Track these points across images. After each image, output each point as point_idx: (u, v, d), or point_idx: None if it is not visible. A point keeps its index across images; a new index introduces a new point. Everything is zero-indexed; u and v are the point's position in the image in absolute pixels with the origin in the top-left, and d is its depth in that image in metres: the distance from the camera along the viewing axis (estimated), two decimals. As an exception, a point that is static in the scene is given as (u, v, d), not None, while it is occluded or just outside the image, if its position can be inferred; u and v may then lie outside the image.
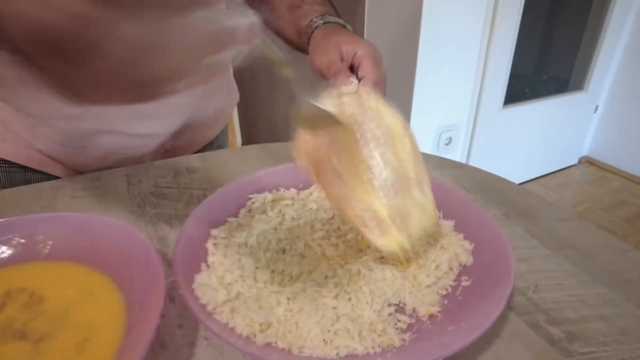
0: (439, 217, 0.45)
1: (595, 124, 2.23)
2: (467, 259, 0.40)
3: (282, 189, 0.49)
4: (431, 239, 0.41)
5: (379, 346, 0.32)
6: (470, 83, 1.74)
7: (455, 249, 0.41)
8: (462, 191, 0.45)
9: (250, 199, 0.48)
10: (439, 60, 1.59)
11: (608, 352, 0.34)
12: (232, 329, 0.33)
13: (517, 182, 2.14)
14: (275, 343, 0.32)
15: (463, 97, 1.77)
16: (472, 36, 1.64)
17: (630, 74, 2.05)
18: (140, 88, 0.23)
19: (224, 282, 0.37)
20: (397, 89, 1.68)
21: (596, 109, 2.17)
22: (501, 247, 0.38)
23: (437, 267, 0.40)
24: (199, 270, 0.38)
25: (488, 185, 0.56)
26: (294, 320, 0.34)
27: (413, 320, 0.35)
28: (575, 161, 2.30)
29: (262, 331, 0.33)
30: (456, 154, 1.90)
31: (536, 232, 0.48)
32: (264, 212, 0.46)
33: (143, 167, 0.63)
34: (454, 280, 0.38)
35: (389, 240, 0.37)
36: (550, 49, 2.10)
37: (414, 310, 0.36)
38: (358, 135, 0.38)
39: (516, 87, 1.94)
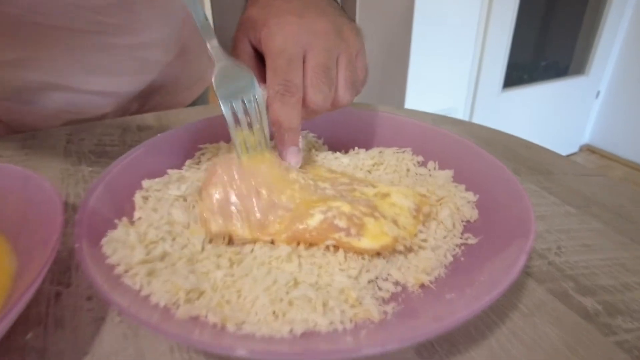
0: (435, 168, 0.36)
1: (596, 111, 2.14)
2: (472, 213, 0.31)
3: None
4: (426, 216, 0.31)
5: (350, 321, 0.23)
6: (467, 66, 1.66)
7: (457, 202, 0.32)
8: (460, 136, 0.36)
9: (200, 149, 0.38)
10: (434, 42, 1.50)
11: (665, 327, 0.25)
12: (147, 297, 0.23)
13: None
14: (206, 317, 0.23)
15: (460, 80, 1.68)
16: (468, 17, 1.55)
17: (634, 58, 1.97)
18: None
19: (145, 239, 0.27)
20: (391, 71, 1.59)
21: (598, 94, 2.09)
22: (514, 195, 0.29)
23: (437, 226, 0.30)
24: (116, 226, 0.28)
25: (493, 142, 0.47)
26: (235, 287, 0.25)
27: (399, 289, 0.26)
28: (576, 149, 2.22)
29: (188, 301, 0.24)
30: (453, 140, 1.82)
31: (554, 188, 0.39)
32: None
33: (89, 125, 0.54)
34: (459, 239, 0.29)
35: (373, 231, 0.27)
36: (551, 31, 2.02)
37: (397, 281, 0.26)
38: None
39: (516, 71, 1.85)
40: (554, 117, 2.02)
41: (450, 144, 0.36)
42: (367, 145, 0.39)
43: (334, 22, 0.32)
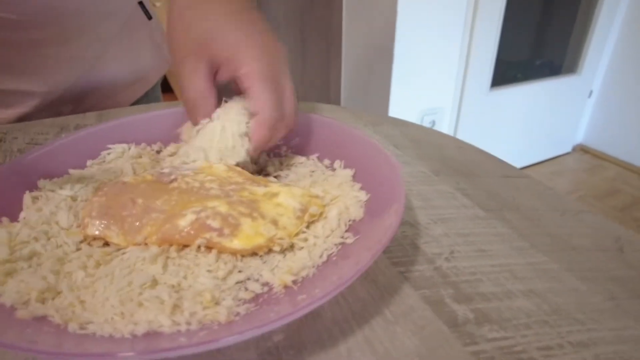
0: (340, 167, 0.35)
1: (589, 110, 2.11)
2: (357, 213, 0.30)
3: (149, 145, 0.39)
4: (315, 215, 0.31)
5: (199, 322, 0.22)
6: (454, 64, 1.64)
7: (347, 202, 0.31)
8: (364, 135, 0.35)
9: (108, 149, 0.38)
10: (420, 39, 1.48)
11: (528, 337, 0.24)
12: None
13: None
14: (53, 317, 0.22)
15: (446, 79, 1.66)
16: (454, 16, 1.53)
17: (627, 57, 1.93)
18: None
19: (16, 239, 0.27)
20: (376, 70, 1.57)
21: (590, 94, 2.06)
22: (394, 194, 0.28)
23: (323, 225, 0.30)
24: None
25: (424, 142, 0.46)
26: (93, 288, 0.25)
27: (265, 290, 0.25)
28: (569, 149, 2.19)
29: (40, 301, 0.23)
30: (441, 140, 1.80)
31: (470, 190, 0.38)
32: (116, 165, 0.36)
33: (25, 125, 0.53)
34: (340, 238, 0.28)
35: (247, 232, 0.27)
36: (543, 30, 1.99)
37: (266, 282, 0.26)
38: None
39: (506, 70, 1.83)
40: (545, 116, 1.99)
41: (355, 143, 0.35)
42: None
43: (261, 32, 0.33)
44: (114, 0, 0.54)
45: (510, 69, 1.90)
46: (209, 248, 0.27)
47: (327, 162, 0.37)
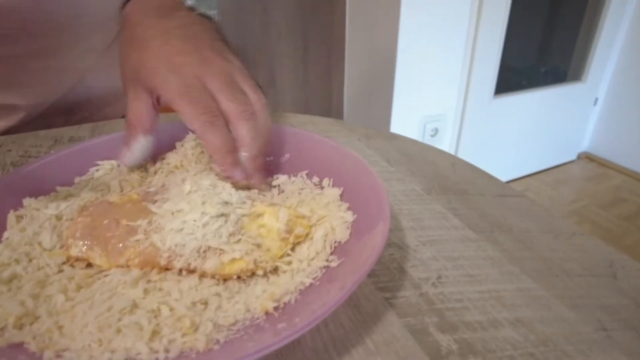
0: (329, 185, 0.35)
1: (595, 118, 2.10)
2: (343, 234, 0.29)
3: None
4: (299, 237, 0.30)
5: (178, 349, 0.22)
6: (457, 71, 1.63)
7: (333, 223, 0.30)
8: (349, 152, 0.35)
9: (97, 165, 0.38)
10: (422, 46, 1.48)
11: (512, 372, 0.23)
12: None
13: (512, 177, 2.03)
14: (29, 344, 0.22)
15: (449, 86, 1.65)
16: (457, 22, 1.52)
17: (632, 64, 1.92)
18: None
19: None
20: (378, 77, 1.57)
21: (596, 101, 2.04)
22: (380, 216, 0.27)
23: (308, 247, 0.29)
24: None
25: (417, 157, 0.46)
26: (72, 312, 0.24)
27: (247, 315, 0.25)
28: (574, 157, 2.17)
29: (18, 327, 0.23)
30: (444, 146, 1.78)
31: (462, 209, 0.37)
32: (104, 182, 0.36)
33: (18, 137, 0.53)
34: (325, 261, 0.28)
35: (230, 254, 0.27)
36: (547, 37, 1.98)
37: (247, 306, 0.25)
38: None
39: (510, 77, 1.82)
40: (550, 124, 1.98)
41: (344, 161, 0.35)
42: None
43: (215, 50, 0.33)
44: (104, 13, 0.54)
45: (514, 75, 1.88)
46: (190, 271, 0.27)
47: (316, 179, 0.36)
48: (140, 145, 0.34)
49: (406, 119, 1.60)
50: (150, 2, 0.36)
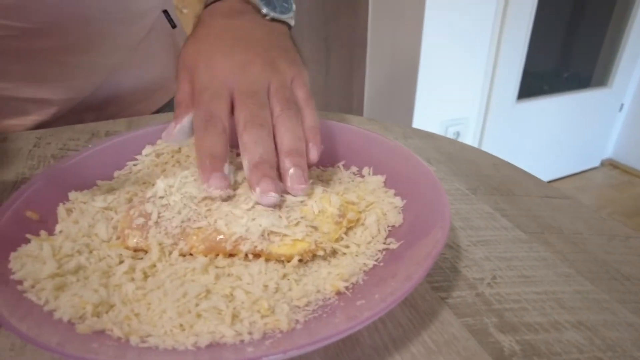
0: (369, 173, 0.35)
1: (620, 124, 2.05)
2: (396, 219, 0.29)
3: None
4: (352, 221, 0.30)
5: (260, 331, 0.22)
6: (480, 74, 1.61)
7: (383, 207, 0.30)
8: (393, 142, 0.35)
9: (135, 159, 0.38)
10: (446, 49, 1.47)
11: (582, 376, 0.22)
12: (51, 312, 0.23)
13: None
14: (111, 331, 0.22)
15: (472, 89, 1.63)
16: (481, 27, 1.51)
17: (661, 69, 1.88)
18: None
19: (60, 252, 0.27)
20: (400, 79, 1.56)
21: (621, 107, 2.00)
22: (435, 201, 0.27)
23: (362, 231, 0.29)
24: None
25: (457, 157, 0.45)
26: (146, 300, 0.24)
27: (318, 296, 0.25)
28: (597, 163, 2.13)
29: (96, 315, 0.23)
30: (464, 151, 1.77)
31: (510, 210, 0.36)
32: (147, 174, 0.36)
33: (57, 130, 0.54)
34: (382, 244, 0.28)
35: (292, 237, 0.27)
36: (573, 41, 1.95)
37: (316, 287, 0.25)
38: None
39: (534, 81, 1.80)
40: (573, 130, 1.95)
41: (384, 150, 0.35)
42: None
43: (264, 55, 0.33)
44: (138, 8, 0.54)
45: (535, 80, 1.86)
46: (256, 256, 0.27)
47: (354, 169, 0.36)
48: (190, 120, 0.32)
49: (428, 123, 1.59)
50: (224, 6, 0.37)
